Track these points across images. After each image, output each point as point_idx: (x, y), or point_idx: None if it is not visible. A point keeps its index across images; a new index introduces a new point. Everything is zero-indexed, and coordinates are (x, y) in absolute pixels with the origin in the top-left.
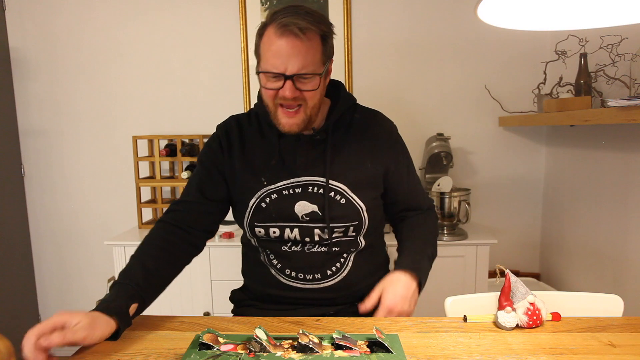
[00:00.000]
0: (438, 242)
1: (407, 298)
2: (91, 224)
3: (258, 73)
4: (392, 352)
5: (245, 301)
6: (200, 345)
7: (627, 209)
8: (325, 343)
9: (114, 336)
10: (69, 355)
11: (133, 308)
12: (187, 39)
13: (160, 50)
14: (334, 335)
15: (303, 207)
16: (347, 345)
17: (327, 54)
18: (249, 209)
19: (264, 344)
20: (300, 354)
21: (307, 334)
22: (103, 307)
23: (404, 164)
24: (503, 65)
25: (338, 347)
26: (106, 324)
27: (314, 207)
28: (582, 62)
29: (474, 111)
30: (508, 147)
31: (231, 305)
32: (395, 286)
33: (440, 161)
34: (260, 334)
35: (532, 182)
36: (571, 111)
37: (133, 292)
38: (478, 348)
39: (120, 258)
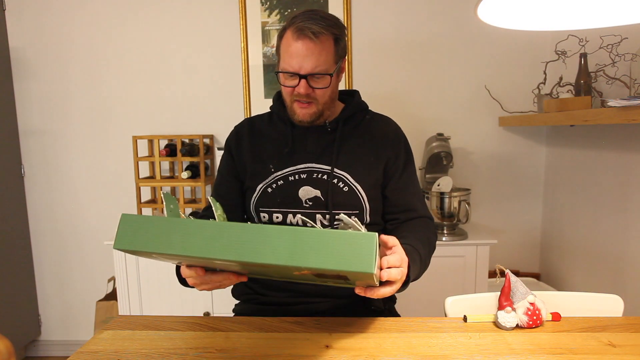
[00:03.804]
0: (438, 243)
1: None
2: (91, 224)
3: (277, 72)
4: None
5: (246, 295)
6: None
7: (627, 209)
8: None
9: None
10: (68, 355)
11: None
12: (187, 39)
13: (161, 50)
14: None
15: (307, 192)
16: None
17: (340, 54)
18: (255, 194)
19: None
20: None
21: None
22: None
23: (402, 161)
24: (503, 65)
25: None
26: None
27: (317, 192)
28: (582, 62)
29: (474, 111)
30: (508, 147)
31: (231, 305)
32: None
33: (440, 161)
34: None
35: (532, 182)
36: (571, 111)
37: None
38: (478, 348)
39: (120, 258)
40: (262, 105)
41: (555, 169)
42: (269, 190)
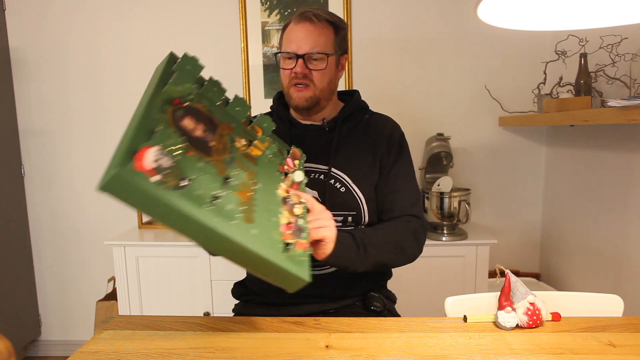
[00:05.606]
0: (437, 242)
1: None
2: (91, 224)
3: (276, 55)
4: None
5: (247, 295)
6: None
7: (627, 209)
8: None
9: None
10: (68, 355)
11: None
12: (187, 39)
13: (161, 50)
14: None
15: None
16: None
17: (340, 45)
18: None
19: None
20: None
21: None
22: None
23: (392, 157)
24: (503, 65)
25: None
26: None
27: (314, 193)
28: (582, 62)
29: (474, 111)
30: (508, 147)
31: (231, 305)
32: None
33: (440, 161)
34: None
35: (532, 182)
36: (571, 111)
37: None
38: (478, 348)
39: (120, 258)
40: (262, 105)
41: (555, 169)
42: None
